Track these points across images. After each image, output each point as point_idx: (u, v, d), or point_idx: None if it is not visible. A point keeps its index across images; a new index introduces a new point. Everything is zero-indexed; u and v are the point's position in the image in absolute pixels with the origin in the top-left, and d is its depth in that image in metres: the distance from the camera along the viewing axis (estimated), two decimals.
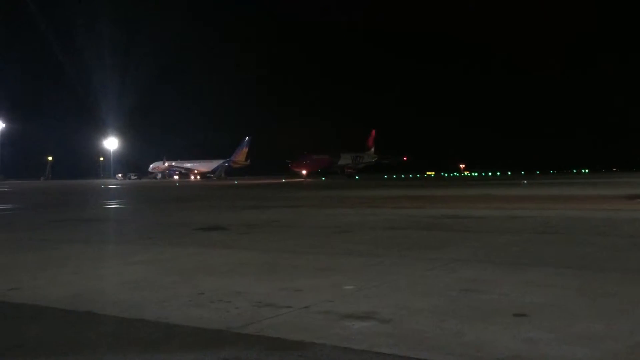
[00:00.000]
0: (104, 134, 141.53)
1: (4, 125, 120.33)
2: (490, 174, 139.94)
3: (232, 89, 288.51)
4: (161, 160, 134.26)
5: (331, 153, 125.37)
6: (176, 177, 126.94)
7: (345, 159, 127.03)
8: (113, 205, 25.50)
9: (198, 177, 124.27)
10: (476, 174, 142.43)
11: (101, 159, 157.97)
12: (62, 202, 29.48)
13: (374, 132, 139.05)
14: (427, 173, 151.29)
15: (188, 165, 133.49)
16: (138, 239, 10.81)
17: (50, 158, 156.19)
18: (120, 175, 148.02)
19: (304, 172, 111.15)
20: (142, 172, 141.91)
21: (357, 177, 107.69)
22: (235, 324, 4.39)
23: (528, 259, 7.36)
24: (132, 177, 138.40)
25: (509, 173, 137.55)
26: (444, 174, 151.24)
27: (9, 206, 25.24)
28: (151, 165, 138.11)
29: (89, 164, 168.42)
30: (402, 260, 7.48)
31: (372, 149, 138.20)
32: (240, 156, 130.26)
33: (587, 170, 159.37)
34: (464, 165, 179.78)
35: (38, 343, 4.10)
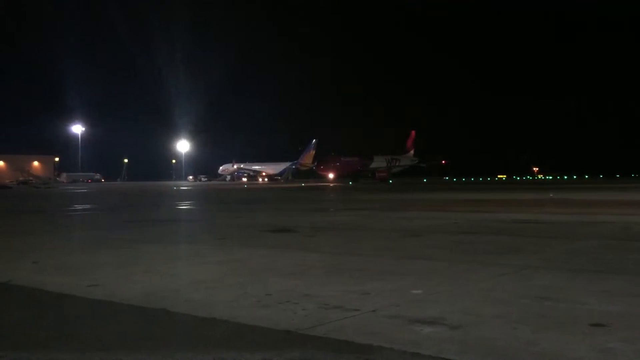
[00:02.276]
0: (176, 137, 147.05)
1: (83, 129, 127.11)
2: (565, 177, 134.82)
3: (295, 93, 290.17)
4: (230, 162, 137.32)
5: (363, 155, 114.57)
6: (244, 179, 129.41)
7: (378, 162, 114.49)
8: (185, 206, 26.31)
9: (266, 179, 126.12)
10: (551, 178, 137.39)
11: (174, 161, 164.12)
12: (137, 203, 30.68)
13: (413, 132, 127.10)
14: (499, 176, 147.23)
15: (256, 167, 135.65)
16: (209, 240, 11.12)
17: (126, 160, 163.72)
18: (191, 177, 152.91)
19: (331, 175, 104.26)
20: (212, 174, 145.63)
21: (390, 181, 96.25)
22: (303, 325, 4.43)
23: (606, 267, 7.03)
24: (203, 179, 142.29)
25: (586, 177, 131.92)
26: (516, 177, 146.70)
27: (88, 206, 26.56)
28: (221, 167, 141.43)
29: (163, 166, 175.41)
30: (473, 265, 7.31)
31: (412, 151, 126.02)
32: (307, 159, 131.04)
33: None
34: (537, 169, 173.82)
35: (115, 338, 4.28)
